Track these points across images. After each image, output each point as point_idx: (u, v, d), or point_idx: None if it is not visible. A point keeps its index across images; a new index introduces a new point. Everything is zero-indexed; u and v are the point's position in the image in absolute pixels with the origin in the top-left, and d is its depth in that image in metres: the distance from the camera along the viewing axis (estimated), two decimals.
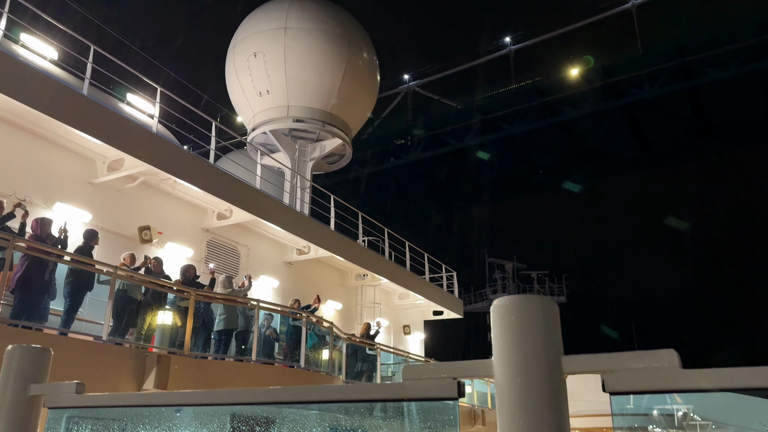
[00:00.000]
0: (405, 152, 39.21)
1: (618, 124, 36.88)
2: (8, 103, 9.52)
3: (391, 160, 39.72)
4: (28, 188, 10.41)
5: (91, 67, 10.99)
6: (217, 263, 14.07)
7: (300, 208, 17.84)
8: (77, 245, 9.45)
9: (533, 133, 36.40)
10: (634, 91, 32.64)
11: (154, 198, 12.95)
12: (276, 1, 18.99)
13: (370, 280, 18.96)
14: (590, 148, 39.71)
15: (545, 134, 37.15)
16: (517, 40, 35.27)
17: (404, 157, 39.36)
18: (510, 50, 35.29)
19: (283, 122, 18.40)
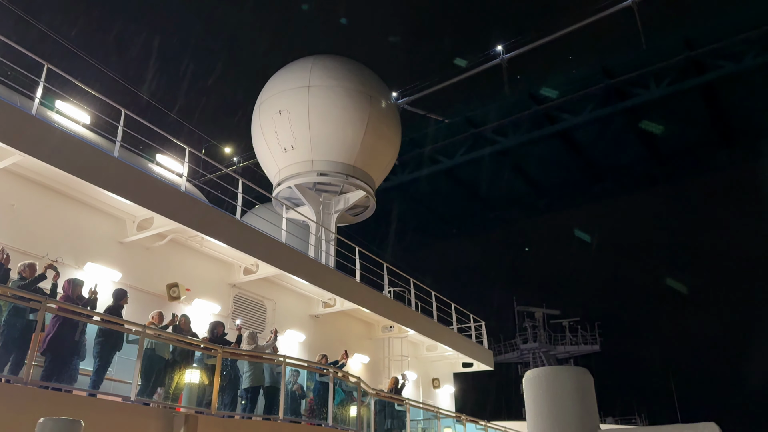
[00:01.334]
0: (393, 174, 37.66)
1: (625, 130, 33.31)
2: (42, 167, 9.86)
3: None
4: (60, 249, 10.64)
5: (122, 130, 11.37)
6: (244, 318, 14.08)
7: (325, 261, 17.87)
8: (107, 305, 9.55)
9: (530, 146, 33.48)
10: (638, 92, 29.35)
11: (182, 255, 13.12)
12: (300, 61, 19.67)
13: (397, 332, 18.71)
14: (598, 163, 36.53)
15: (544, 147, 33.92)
16: (510, 48, 31.23)
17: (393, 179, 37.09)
18: (503, 59, 31.33)
19: (308, 176, 18.71)
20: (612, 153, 35.48)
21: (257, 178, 22.05)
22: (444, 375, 21.99)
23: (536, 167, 37.36)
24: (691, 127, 33.41)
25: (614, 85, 29.16)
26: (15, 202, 10.26)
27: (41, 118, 9.95)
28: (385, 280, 18.30)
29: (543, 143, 33.59)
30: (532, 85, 31.16)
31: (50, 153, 9.67)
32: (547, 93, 31.21)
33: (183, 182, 12.59)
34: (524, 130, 32.24)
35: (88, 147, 10.51)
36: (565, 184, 38.96)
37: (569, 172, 37.70)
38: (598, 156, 36.09)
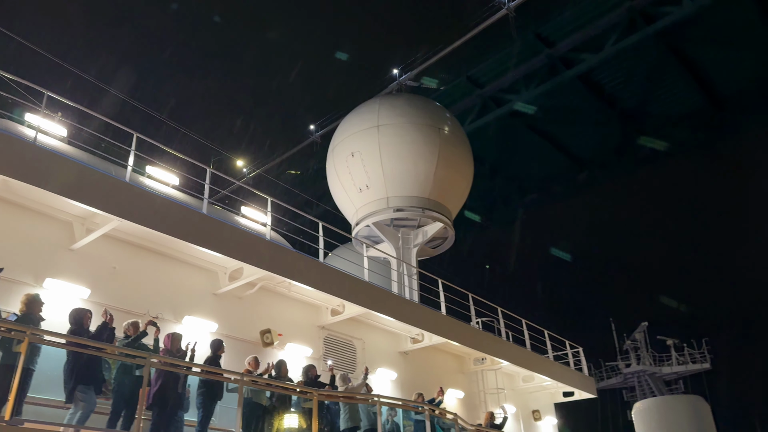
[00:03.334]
0: None
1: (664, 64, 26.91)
2: (139, 229, 10.50)
3: None
4: (160, 305, 11.19)
5: (208, 188, 11.98)
6: (335, 359, 14.19)
7: (409, 296, 17.84)
8: (206, 356, 9.93)
9: (550, 100, 27.92)
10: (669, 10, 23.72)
11: (272, 301, 13.49)
12: (367, 103, 20.25)
13: (489, 364, 18.24)
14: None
15: (567, 99, 27.90)
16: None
17: None
18: (509, 7, 26.71)
19: (385, 213, 18.95)
20: (652, 93, 28.19)
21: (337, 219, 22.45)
22: (544, 406, 21.11)
23: (564, 130, 31.44)
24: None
25: (638, 6, 24.06)
26: (116, 265, 10.96)
27: (134, 185, 10.67)
28: (471, 310, 17.98)
29: (565, 94, 27.83)
30: (541, 26, 26.35)
31: (145, 216, 10.30)
32: (556, 36, 25.88)
33: (267, 231, 13.04)
34: (537, 81, 27.24)
35: (178, 207, 11.13)
36: (602, 149, 33.00)
37: (605, 129, 31.14)
38: (638, 103, 29.19)
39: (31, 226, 9.96)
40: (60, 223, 10.28)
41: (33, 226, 9.98)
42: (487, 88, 28.24)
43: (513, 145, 31.83)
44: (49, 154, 9.40)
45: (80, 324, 8.48)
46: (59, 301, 9.46)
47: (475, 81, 28.32)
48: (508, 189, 36.27)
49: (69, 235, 10.34)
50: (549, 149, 32.50)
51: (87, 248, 10.38)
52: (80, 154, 11.87)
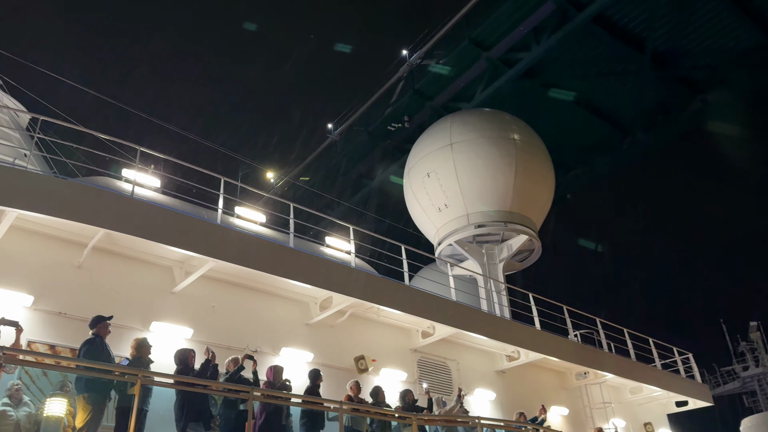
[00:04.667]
0: None
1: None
2: (233, 268, 10.95)
3: None
4: (258, 339, 11.60)
5: (294, 222, 12.36)
6: (430, 382, 14.07)
7: (500, 313, 17.47)
8: (306, 386, 10.14)
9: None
10: None
11: (363, 327, 13.61)
12: (438, 123, 20.30)
13: (593, 378, 17.45)
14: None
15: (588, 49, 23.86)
16: None
17: None
18: None
19: (466, 231, 18.78)
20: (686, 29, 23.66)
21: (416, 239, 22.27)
22: (656, 418, 19.88)
23: (591, 87, 26.92)
24: None
25: None
26: (215, 304, 11.47)
27: (226, 226, 11.19)
28: (567, 323, 17.34)
29: (581, 42, 23.64)
30: None
31: (237, 255, 10.74)
32: None
33: (352, 259, 13.24)
34: (548, 32, 23.55)
35: (267, 243, 11.55)
36: (643, 106, 27.88)
37: (640, 81, 26.21)
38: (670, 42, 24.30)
39: (135, 273, 10.62)
40: (161, 269, 10.91)
41: (137, 274, 10.65)
42: (494, 50, 24.77)
43: (535, 112, 26.65)
44: (146, 206, 10.04)
45: (185, 363, 8.90)
46: (165, 342, 9.98)
47: (481, 44, 24.90)
48: None
49: (170, 279, 10.95)
50: (579, 113, 28.14)
51: (187, 290, 10.93)
52: (174, 202, 12.61)
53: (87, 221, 9.18)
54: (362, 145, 31.10)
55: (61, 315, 9.39)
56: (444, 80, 26.73)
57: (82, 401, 7.44)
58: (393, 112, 28.89)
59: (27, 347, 8.76)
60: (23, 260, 9.39)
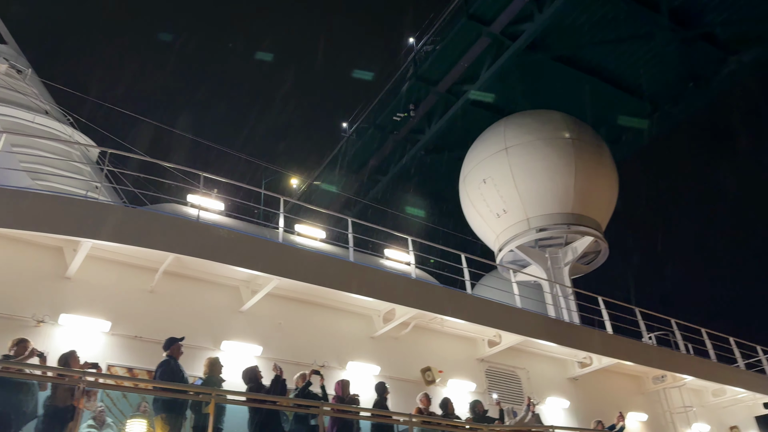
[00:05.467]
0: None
1: None
2: (296, 285, 11.13)
3: None
4: (324, 354, 11.71)
5: (352, 236, 12.47)
6: (500, 392, 13.81)
7: (568, 318, 16.99)
8: (373, 400, 10.14)
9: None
10: None
11: (427, 338, 13.50)
12: (492, 128, 20.04)
13: (671, 381, 16.67)
14: None
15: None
16: None
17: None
18: None
19: (527, 235, 18.42)
20: None
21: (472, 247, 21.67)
22: (744, 421, 18.78)
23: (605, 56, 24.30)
24: None
25: None
26: (281, 321, 11.67)
27: (287, 244, 11.42)
28: (641, 325, 16.66)
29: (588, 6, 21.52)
30: None
31: (300, 272, 10.93)
32: None
33: (412, 270, 13.21)
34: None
35: (328, 259, 11.72)
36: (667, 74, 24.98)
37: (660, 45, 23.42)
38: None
39: (204, 295, 10.96)
40: (228, 289, 11.22)
41: (206, 295, 10.98)
42: (495, 24, 22.71)
43: (549, 89, 25.03)
44: (212, 229, 10.38)
45: (255, 380, 9.09)
46: (236, 360, 10.22)
47: (480, 18, 22.92)
48: None
49: (237, 299, 11.23)
50: (599, 88, 25.40)
51: (254, 309, 11.18)
52: (237, 223, 12.97)
53: (157, 247, 9.57)
54: (371, 140, 29.67)
55: (137, 339, 9.78)
56: (447, 62, 24.62)
57: (160, 421, 7.69)
58: (398, 101, 27.19)
59: (107, 371, 9.16)
60: (99, 288, 9.85)
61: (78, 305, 9.43)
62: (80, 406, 6.65)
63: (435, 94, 25.59)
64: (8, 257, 9.29)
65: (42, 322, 9.03)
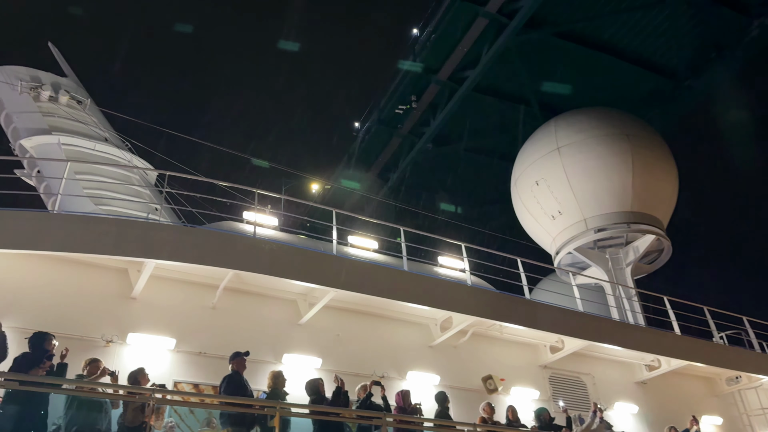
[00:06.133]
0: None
1: None
2: (352, 296, 11.16)
3: None
4: (383, 364, 11.68)
5: (405, 245, 12.42)
6: (565, 398, 13.43)
7: (633, 320, 16.40)
8: (435, 410, 10.03)
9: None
10: None
11: (487, 346, 13.29)
12: (542, 128, 19.65)
13: (746, 382, 15.82)
14: None
15: None
16: None
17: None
18: None
19: (585, 237, 17.94)
20: None
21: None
22: None
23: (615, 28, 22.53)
24: None
25: None
26: (339, 332, 11.72)
27: (342, 256, 11.47)
28: (710, 325, 15.91)
29: None
30: None
31: (355, 283, 10.95)
32: None
33: (467, 277, 13.04)
34: None
35: (382, 269, 11.73)
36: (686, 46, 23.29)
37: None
38: None
39: (263, 309, 11.13)
40: (286, 303, 11.36)
41: (265, 309, 11.15)
42: (490, 3, 21.51)
43: (560, 70, 23.61)
44: (268, 244, 10.53)
45: (318, 392, 9.15)
46: (297, 373, 10.30)
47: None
48: None
49: (295, 312, 11.36)
50: (614, 65, 23.73)
51: (312, 321, 11.27)
52: (292, 238, 13.14)
53: (217, 264, 9.81)
54: (376, 138, 28.85)
55: (201, 354, 10.01)
56: (445, 48, 23.50)
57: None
58: (399, 94, 26.27)
59: (173, 387, 9.40)
60: (164, 306, 10.15)
61: (144, 324, 9.74)
62: (152, 422, 6.83)
63: (437, 83, 24.53)
64: (77, 280, 9.70)
65: (111, 341, 9.37)
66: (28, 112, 13.09)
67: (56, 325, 8.55)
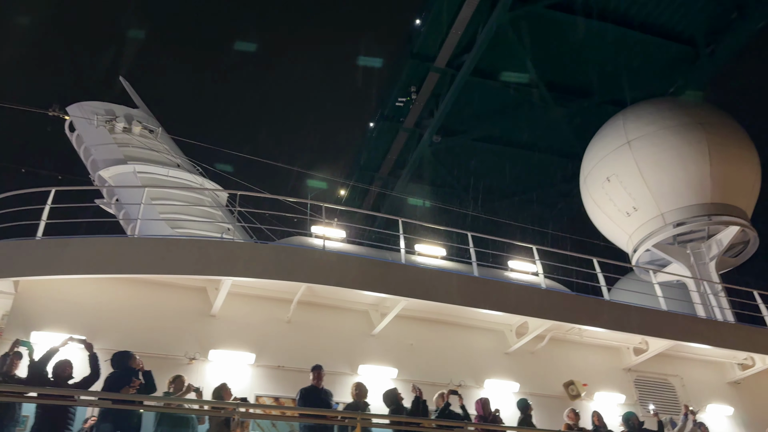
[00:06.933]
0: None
1: None
2: (424, 304, 11.06)
3: None
4: (459, 373, 11.49)
5: (474, 251, 12.22)
6: (654, 402, 12.79)
7: (721, 317, 15.47)
8: (517, 418, 9.77)
9: None
10: None
11: (566, 350, 12.86)
12: (610, 122, 19.01)
13: None
14: None
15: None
16: None
17: None
18: None
19: (664, 232, 17.15)
20: None
21: None
22: None
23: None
24: None
25: None
26: (412, 342, 11.63)
27: (411, 265, 11.43)
28: None
29: None
30: None
31: (425, 291, 10.87)
32: None
33: (541, 280, 12.69)
34: None
35: (452, 276, 11.58)
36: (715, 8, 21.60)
37: None
38: None
39: (336, 321, 11.20)
40: (358, 314, 11.40)
41: (338, 321, 11.21)
42: None
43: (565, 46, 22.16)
44: (338, 256, 10.66)
45: (396, 402, 9.10)
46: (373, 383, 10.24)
47: None
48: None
49: (368, 323, 11.37)
50: (626, 37, 22.18)
51: (385, 331, 11.25)
52: (359, 249, 13.21)
53: (290, 278, 9.97)
54: (381, 134, 27.92)
55: (280, 368, 10.17)
56: (439, 33, 22.50)
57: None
58: (399, 86, 25.21)
59: (255, 401, 9.59)
60: (242, 322, 10.39)
61: (224, 340, 10.00)
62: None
63: (435, 71, 23.49)
64: (159, 301, 10.08)
65: (194, 359, 9.66)
66: (104, 144, 13.81)
67: (142, 345, 8.93)
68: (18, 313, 9.17)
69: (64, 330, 8.68)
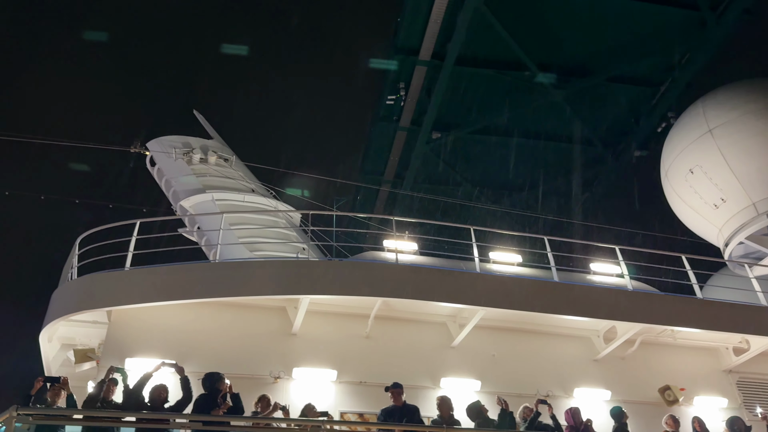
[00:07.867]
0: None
1: None
2: (502, 313, 10.83)
3: None
4: (546, 382, 11.13)
5: (552, 255, 11.85)
6: (762, 405, 11.85)
7: None
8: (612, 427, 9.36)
9: None
10: None
11: (660, 354, 12.22)
12: (687, 111, 18.06)
13: None
14: None
15: None
16: None
17: None
18: None
19: (757, 222, 16.03)
20: None
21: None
22: None
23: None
24: None
25: None
26: (494, 352, 11.38)
27: (486, 273, 11.22)
28: None
29: None
30: None
31: (503, 299, 10.66)
32: None
33: (627, 281, 12.14)
34: None
35: (530, 282, 11.28)
36: None
37: None
38: None
39: (413, 334, 11.11)
40: (436, 326, 11.29)
41: (415, 334, 11.12)
42: None
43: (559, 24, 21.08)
44: (412, 269, 10.64)
45: (481, 415, 8.91)
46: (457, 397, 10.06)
47: None
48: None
49: (447, 335, 11.24)
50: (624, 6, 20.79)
51: (464, 342, 11.08)
52: (432, 260, 13.10)
53: (367, 293, 10.05)
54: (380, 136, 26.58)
55: (362, 384, 10.20)
56: (418, 23, 21.41)
57: None
58: (387, 84, 23.99)
59: (340, 417, 9.64)
60: (322, 340, 10.53)
61: (306, 358, 10.17)
62: None
63: (422, 63, 22.43)
64: (242, 322, 10.39)
65: (279, 377, 9.86)
66: (184, 175, 14.48)
67: (228, 365, 9.16)
68: (112, 342, 9.70)
69: (155, 355, 9.09)
